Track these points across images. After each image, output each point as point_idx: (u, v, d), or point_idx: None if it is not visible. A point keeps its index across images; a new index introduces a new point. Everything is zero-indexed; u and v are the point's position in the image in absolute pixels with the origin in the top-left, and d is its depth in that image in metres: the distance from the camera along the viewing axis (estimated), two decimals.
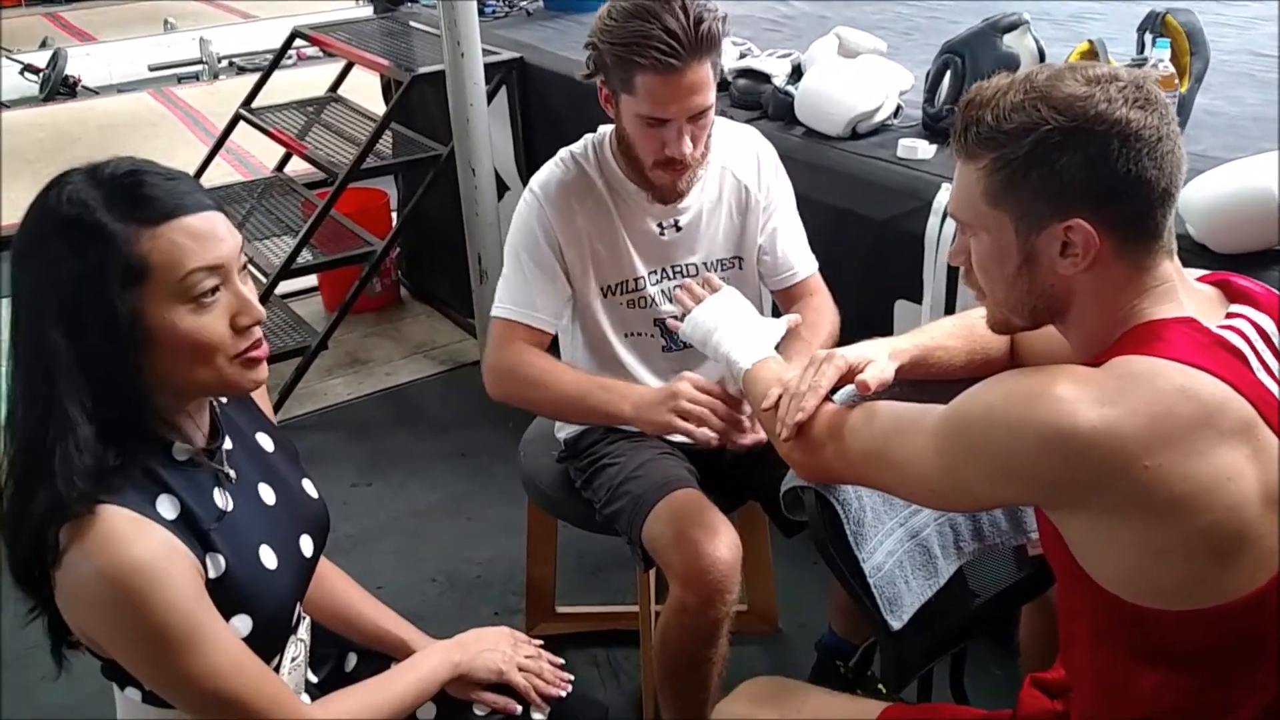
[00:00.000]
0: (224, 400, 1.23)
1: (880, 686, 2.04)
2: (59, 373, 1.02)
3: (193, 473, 1.12)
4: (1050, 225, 1.03)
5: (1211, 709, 1.05)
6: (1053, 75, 1.04)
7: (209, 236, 1.06)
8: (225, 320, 1.08)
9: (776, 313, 1.91)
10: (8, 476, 1.06)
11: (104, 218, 1.02)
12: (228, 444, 1.19)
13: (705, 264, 1.84)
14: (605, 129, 1.83)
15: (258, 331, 1.12)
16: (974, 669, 1.73)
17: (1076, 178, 1.01)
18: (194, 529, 1.08)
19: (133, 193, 1.04)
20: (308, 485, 1.30)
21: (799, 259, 1.89)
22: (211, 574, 1.09)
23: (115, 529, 1.01)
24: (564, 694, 1.40)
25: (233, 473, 1.17)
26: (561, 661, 1.46)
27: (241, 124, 4.05)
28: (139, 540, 1.02)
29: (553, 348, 1.86)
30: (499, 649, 1.38)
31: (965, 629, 1.53)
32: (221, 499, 1.14)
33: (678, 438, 1.91)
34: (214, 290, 1.07)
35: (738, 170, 1.84)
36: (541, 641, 1.47)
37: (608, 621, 2.33)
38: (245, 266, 1.12)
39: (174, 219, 1.04)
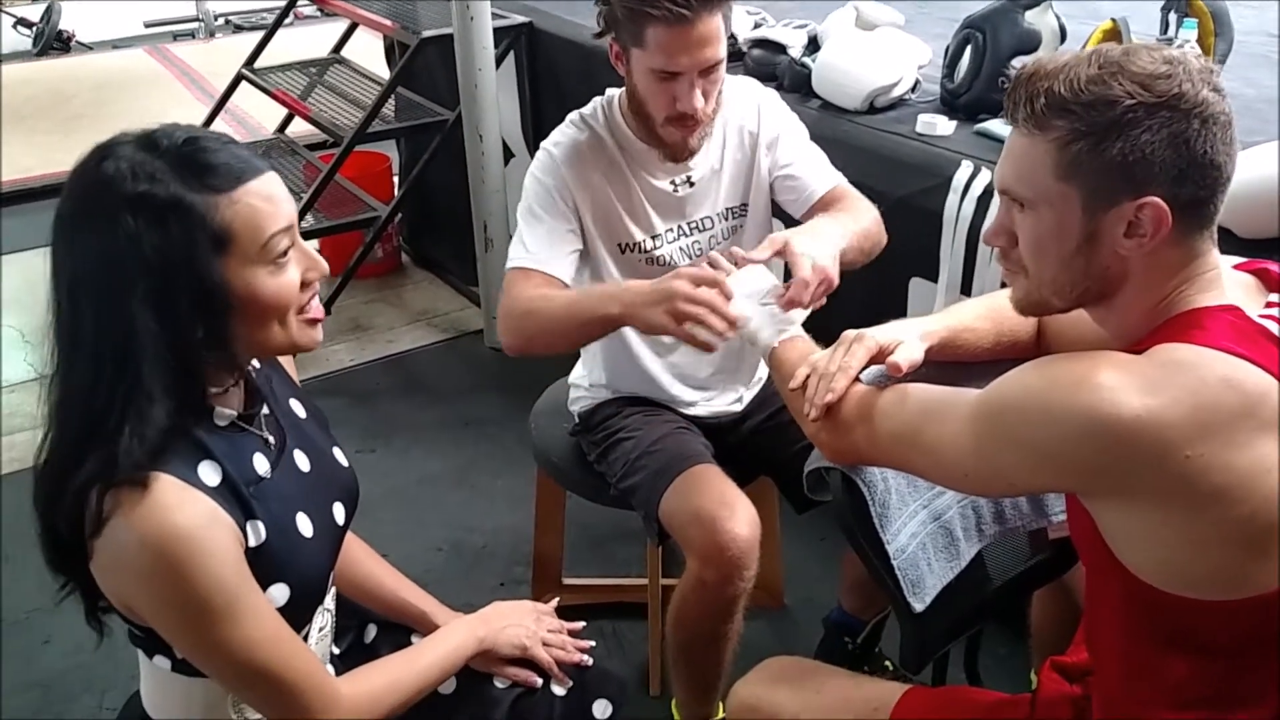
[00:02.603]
0: (258, 365, 1.22)
1: (887, 663, 2.05)
2: (143, 353, 0.99)
3: (234, 438, 1.11)
4: (1122, 203, 1.01)
5: (1240, 697, 1.05)
6: (1127, 51, 1.02)
7: (277, 198, 1.06)
8: (298, 278, 1.08)
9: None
10: (54, 447, 1.04)
11: (178, 189, 1.00)
12: (264, 409, 1.18)
13: (717, 214, 1.82)
14: (613, 92, 1.81)
15: (317, 287, 1.12)
16: (982, 649, 1.74)
17: (1158, 155, 0.99)
18: (236, 496, 1.07)
19: (198, 160, 1.02)
20: (338, 453, 1.30)
21: (816, 177, 1.83)
22: (252, 542, 1.08)
23: (158, 496, 1.00)
24: (588, 661, 1.40)
25: (272, 438, 1.16)
26: (580, 626, 1.46)
27: (242, 84, 4.01)
28: (182, 508, 1.01)
29: None
30: (523, 624, 1.37)
31: (982, 611, 1.53)
32: (262, 465, 1.13)
33: (693, 410, 1.92)
34: (286, 251, 1.06)
35: (740, 118, 1.82)
36: (557, 600, 1.48)
37: (614, 594, 2.34)
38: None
39: (244, 184, 1.03)
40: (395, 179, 4.00)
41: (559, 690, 1.38)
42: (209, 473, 1.06)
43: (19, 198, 4.53)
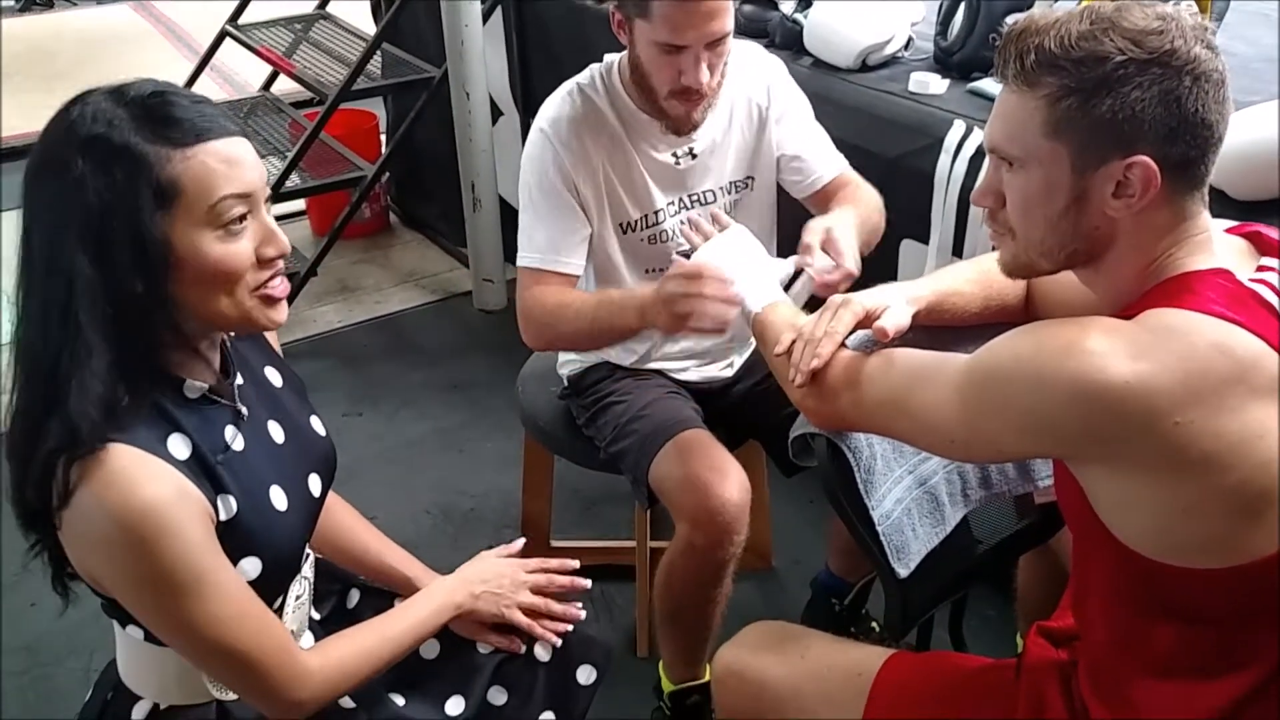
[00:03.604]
0: (233, 334, 1.19)
1: (874, 624, 2.06)
2: (81, 297, 0.98)
3: (205, 410, 1.09)
4: (1111, 161, 0.99)
5: (1227, 664, 1.05)
6: (1119, 8, 1.00)
7: (239, 162, 1.03)
8: (251, 250, 1.05)
9: (786, 250, 1.87)
10: (17, 404, 1.03)
11: (132, 137, 0.98)
12: (239, 380, 1.16)
13: (720, 188, 1.79)
14: (611, 58, 1.77)
15: (280, 265, 1.09)
16: (968, 610, 1.74)
17: (1149, 112, 0.97)
18: (205, 469, 1.06)
19: (160, 113, 1.00)
20: (315, 422, 1.27)
21: (823, 162, 1.83)
22: (222, 516, 1.07)
23: (126, 469, 0.98)
24: (579, 620, 1.38)
25: (245, 410, 1.14)
26: (574, 565, 1.43)
27: (227, 41, 3.95)
28: (149, 482, 0.99)
29: None
30: (502, 590, 1.35)
31: (968, 576, 1.53)
32: (233, 438, 1.11)
33: (684, 374, 1.90)
34: (242, 218, 1.04)
35: (748, 90, 1.79)
36: (575, 565, 1.43)
37: (602, 557, 2.33)
38: (269, 198, 1.09)
39: (203, 141, 1.01)
40: (383, 137, 3.96)
41: (543, 656, 1.37)
42: (179, 446, 1.04)
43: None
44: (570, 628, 1.39)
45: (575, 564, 1.43)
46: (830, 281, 1.50)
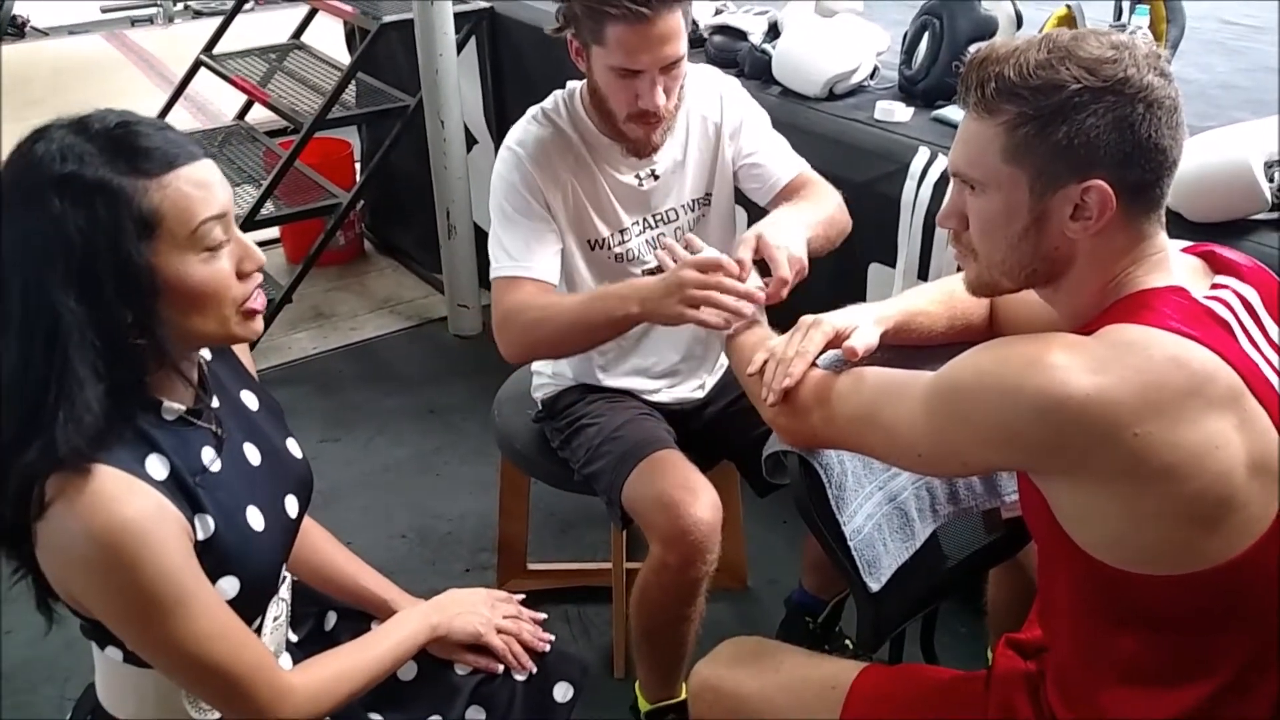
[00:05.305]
0: (209, 357, 1.21)
1: (847, 642, 2.08)
2: (68, 336, 0.99)
3: (182, 432, 1.10)
4: (1067, 185, 1.03)
5: (1189, 670, 1.08)
6: (1076, 36, 1.04)
7: (211, 185, 1.05)
8: (232, 268, 1.07)
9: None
10: None
11: (105, 172, 0.99)
12: (215, 402, 1.17)
13: (682, 206, 1.83)
14: (574, 85, 1.81)
15: (258, 278, 1.11)
16: (940, 626, 1.77)
17: (1103, 138, 1.01)
18: (183, 489, 1.07)
19: (129, 144, 1.01)
20: (291, 445, 1.29)
21: (780, 166, 1.84)
22: (200, 535, 1.07)
23: (105, 488, 0.99)
24: (545, 647, 1.40)
25: (221, 432, 1.15)
26: (542, 617, 1.46)
27: (202, 70, 3.97)
28: (129, 501, 1.00)
29: None
30: (477, 611, 1.37)
31: (938, 590, 1.55)
32: (210, 459, 1.12)
33: (656, 396, 1.93)
34: (221, 239, 1.05)
35: (703, 108, 1.82)
36: (523, 596, 1.47)
37: (579, 578, 2.35)
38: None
39: (175, 169, 1.02)
40: (357, 165, 3.98)
41: (519, 675, 1.39)
42: (156, 466, 1.05)
43: None
44: (547, 645, 1.41)
45: (543, 616, 1.46)
46: (772, 294, 1.48)
